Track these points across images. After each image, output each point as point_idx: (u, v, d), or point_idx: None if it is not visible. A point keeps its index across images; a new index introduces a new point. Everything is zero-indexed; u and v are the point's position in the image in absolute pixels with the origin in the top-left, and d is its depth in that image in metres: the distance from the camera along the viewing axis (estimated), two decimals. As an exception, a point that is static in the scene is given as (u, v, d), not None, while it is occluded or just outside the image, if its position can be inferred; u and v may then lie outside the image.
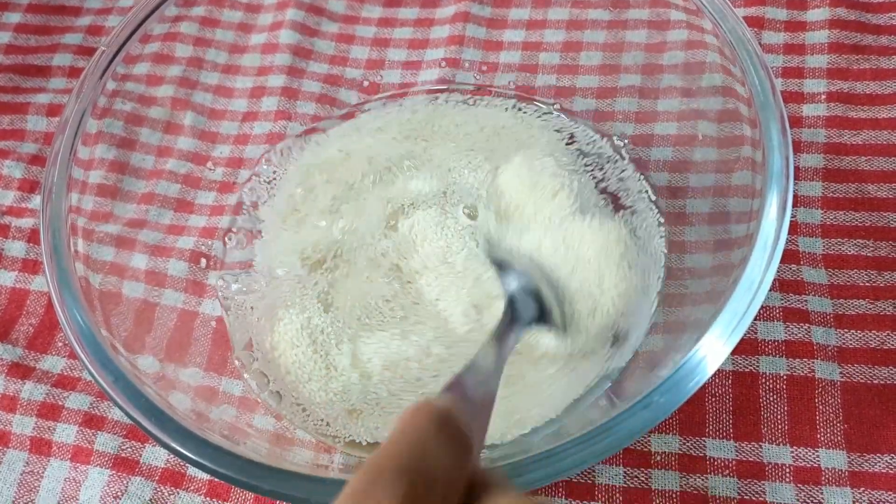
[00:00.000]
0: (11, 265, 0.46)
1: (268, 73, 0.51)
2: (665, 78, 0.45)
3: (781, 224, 0.30)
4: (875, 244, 0.41)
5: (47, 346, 0.43)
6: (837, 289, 0.40)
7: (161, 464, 0.39)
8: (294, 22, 0.51)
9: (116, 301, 0.38)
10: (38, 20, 0.56)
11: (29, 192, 0.48)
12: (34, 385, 0.41)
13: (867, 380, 0.37)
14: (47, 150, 0.50)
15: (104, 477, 0.39)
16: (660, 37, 0.44)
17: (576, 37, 0.49)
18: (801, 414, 0.37)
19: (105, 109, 0.40)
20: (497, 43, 0.51)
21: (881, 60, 0.46)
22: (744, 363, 0.38)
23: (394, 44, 0.52)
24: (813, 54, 0.47)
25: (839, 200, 0.42)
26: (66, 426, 0.40)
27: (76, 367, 0.42)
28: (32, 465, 0.40)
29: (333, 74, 0.51)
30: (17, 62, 0.54)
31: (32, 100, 0.52)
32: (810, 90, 0.46)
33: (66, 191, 0.35)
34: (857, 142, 0.44)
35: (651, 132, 0.45)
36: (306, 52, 0.51)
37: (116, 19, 0.56)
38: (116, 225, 0.41)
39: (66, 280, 0.33)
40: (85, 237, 0.37)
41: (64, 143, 0.37)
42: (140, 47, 0.42)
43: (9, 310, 0.45)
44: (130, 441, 0.39)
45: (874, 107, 0.45)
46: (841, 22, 0.47)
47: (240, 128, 0.49)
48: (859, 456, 0.36)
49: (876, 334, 0.38)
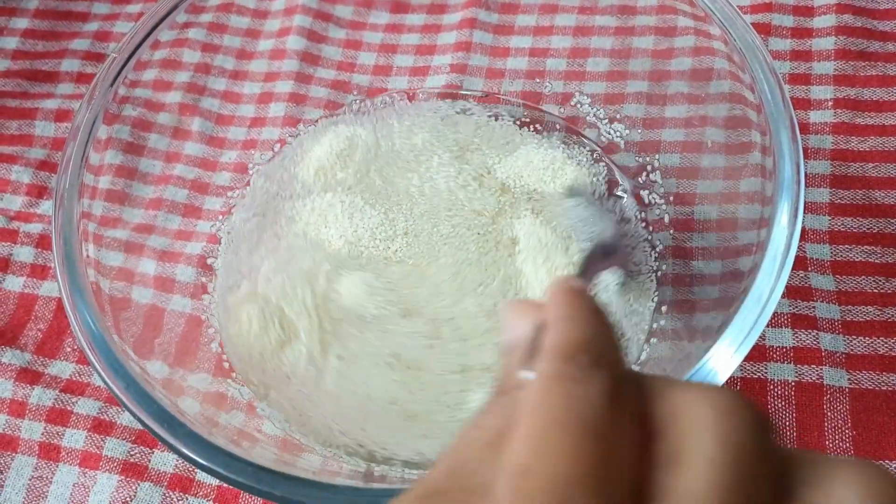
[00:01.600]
0: (20, 270, 0.46)
1: (275, 78, 0.51)
2: (672, 84, 0.45)
3: (793, 232, 0.30)
4: (883, 251, 0.41)
5: (56, 351, 0.43)
6: (845, 295, 0.40)
7: (170, 469, 0.39)
8: (301, 28, 0.52)
9: (126, 306, 0.38)
10: (46, 26, 0.56)
11: (37, 197, 0.48)
12: (43, 390, 0.41)
13: (875, 386, 0.37)
14: (55, 155, 0.50)
15: (113, 482, 0.39)
16: (667, 43, 0.44)
17: (583, 43, 0.49)
18: (809, 420, 0.37)
19: (115, 115, 0.40)
20: (504, 49, 0.51)
21: (888, 67, 0.46)
22: (752, 369, 0.38)
23: (401, 50, 0.52)
24: (820, 61, 0.47)
25: (846, 207, 0.42)
26: (75, 431, 0.40)
27: (85, 372, 0.42)
28: (41, 471, 0.40)
29: (341, 80, 0.51)
30: (24, 67, 0.54)
31: (40, 105, 0.52)
32: (817, 97, 0.46)
33: (77, 197, 0.36)
34: (864, 148, 0.44)
35: (659, 138, 0.45)
36: (314, 58, 0.51)
37: (124, 24, 0.56)
38: (125, 230, 0.41)
39: (78, 285, 0.33)
40: (95, 242, 0.37)
41: (76, 150, 0.37)
42: (150, 53, 0.42)
43: (17, 315, 0.45)
44: (139, 446, 0.39)
45: (881, 113, 0.45)
46: (847, 28, 0.47)
47: (247, 133, 0.49)
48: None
49: (884, 341, 0.38)
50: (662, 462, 0.17)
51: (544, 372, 0.17)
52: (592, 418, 0.16)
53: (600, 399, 0.17)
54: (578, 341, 0.18)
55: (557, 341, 0.18)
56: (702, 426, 0.17)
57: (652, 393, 0.18)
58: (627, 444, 0.17)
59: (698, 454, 0.16)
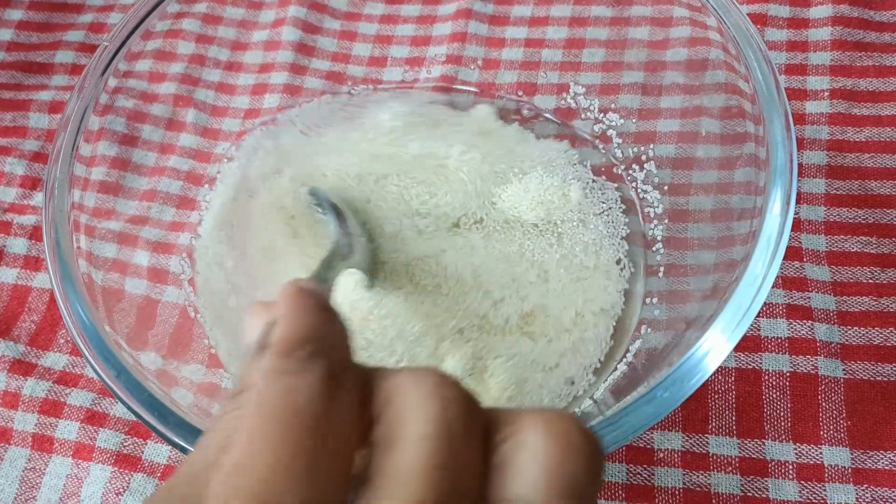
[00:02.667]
0: (13, 262, 0.46)
1: (270, 70, 0.50)
2: (668, 75, 0.44)
3: (785, 219, 0.29)
4: (878, 241, 0.41)
5: (49, 342, 0.43)
6: (841, 286, 0.40)
7: (163, 460, 0.39)
8: (296, 19, 0.51)
9: (119, 297, 0.38)
10: (41, 17, 0.56)
11: (31, 189, 0.48)
12: (36, 382, 0.41)
13: (871, 377, 0.37)
14: (49, 147, 0.50)
15: (106, 473, 0.39)
16: (663, 33, 0.44)
17: (578, 34, 0.49)
18: (804, 411, 0.37)
19: (107, 106, 0.40)
20: (499, 40, 0.51)
21: (884, 57, 0.46)
22: (747, 360, 0.38)
23: (396, 41, 0.52)
24: (816, 51, 0.47)
25: (842, 197, 0.42)
26: (68, 423, 0.40)
27: (78, 363, 0.42)
28: (34, 462, 0.40)
29: (336, 71, 0.51)
30: (19, 59, 0.54)
31: (34, 97, 0.52)
32: (813, 87, 0.46)
33: (68, 188, 0.35)
34: (860, 139, 0.44)
35: (654, 129, 0.44)
36: (308, 49, 0.51)
37: (118, 16, 0.56)
38: (119, 221, 0.41)
39: (69, 276, 0.33)
40: (87, 234, 0.37)
41: (66, 140, 0.36)
42: (142, 44, 0.42)
43: (10, 306, 0.45)
44: (133, 438, 0.39)
45: (877, 104, 0.45)
46: (844, 19, 0.47)
47: (242, 125, 0.49)
48: (862, 453, 0.36)
49: (879, 331, 0.38)
50: (381, 444, 0.17)
51: (264, 369, 0.18)
52: (306, 408, 0.17)
53: (315, 389, 0.17)
54: (297, 336, 0.18)
55: (278, 338, 0.19)
56: (411, 406, 0.17)
57: (372, 381, 0.19)
58: (347, 431, 0.17)
59: (408, 433, 0.17)
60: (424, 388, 0.18)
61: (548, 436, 0.17)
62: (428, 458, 0.16)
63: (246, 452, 0.16)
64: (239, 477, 0.16)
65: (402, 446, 0.17)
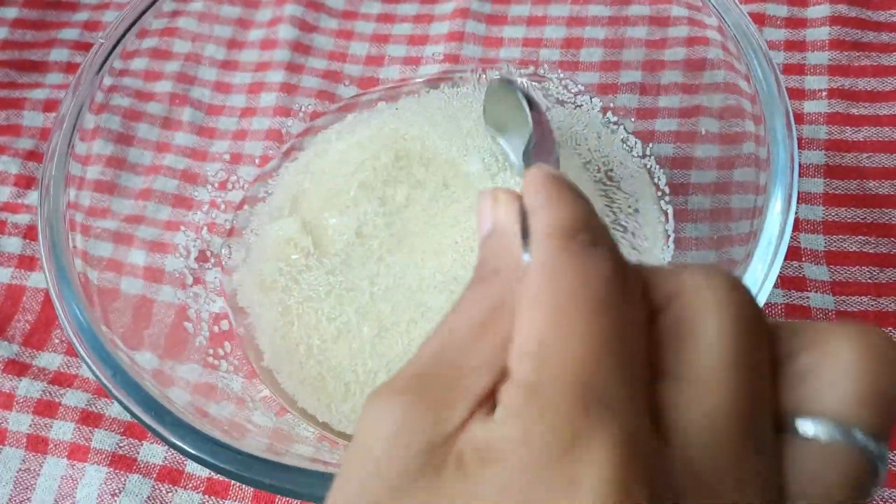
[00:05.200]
0: (7, 261, 0.46)
1: (266, 68, 0.50)
2: (666, 74, 0.44)
3: (786, 219, 0.29)
4: (877, 241, 0.41)
5: (44, 342, 0.43)
6: (840, 285, 0.40)
7: (159, 461, 0.39)
8: (293, 17, 0.51)
9: (114, 297, 0.38)
10: (35, 15, 0.56)
11: (25, 187, 0.48)
12: (30, 382, 0.41)
13: (869, 377, 0.37)
14: (44, 145, 0.50)
15: (101, 474, 0.38)
16: (661, 33, 0.44)
17: (576, 33, 0.49)
18: (803, 411, 0.37)
19: (102, 105, 0.40)
20: (497, 39, 0.50)
21: (882, 57, 0.46)
22: (746, 360, 0.38)
23: (393, 40, 0.52)
24: (814, 51, 0.47)
25: (841, 197, 0.42)
26: (63, 423, 0.40)
27: (73, 364, 0.42)
28: (29, 463, 0.39)
29: (333, 70, 0.51)
30: (13, 57, 0.53)
31: (29, 95, 0.52)
32: (811, 87, 0.46)
33: (63, 186, 0.35)
34: (858, 138, 0.44)
35: (652, 128, 0.44)
36: (305, 48, 0.51)
37: (114, 14, 0.55)
38: (114, 221, 0.41)
39: (64, 275, 0.33)
40: (83, 233, 0.37)
41: (61, 139, 0.36)
42: (137, 42, 0.42)
43: (4, 306, 0.44)
44: (128, 438, 0.39)
45: (875, 103, 0.45)
46: (842, 18, 0.47)
47: (238, 123, 0.48)
48: (862, 453, 0.36)
49: (878, 331, 0.38)
50: (669, 340, 0.16)
51: (548, 249, 0.17)
52: (606, 292, 0.16)
53: (611, 273, 0.16)
54: (576, 220, 0.17)
55: (553, 221, 0.17)
56: (705, 303, 0.16)
57: (648, 274, 0.17)
58: (638, 321, 0.16)
59: (707, 330, 0.16)
60: (717, 283, 0.16)
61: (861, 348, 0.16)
62: (736, 357, 0.16)
63: (547, 330, 0.15)
64: (544, 356, 0.15)
65: (702, 343, 0.16)
